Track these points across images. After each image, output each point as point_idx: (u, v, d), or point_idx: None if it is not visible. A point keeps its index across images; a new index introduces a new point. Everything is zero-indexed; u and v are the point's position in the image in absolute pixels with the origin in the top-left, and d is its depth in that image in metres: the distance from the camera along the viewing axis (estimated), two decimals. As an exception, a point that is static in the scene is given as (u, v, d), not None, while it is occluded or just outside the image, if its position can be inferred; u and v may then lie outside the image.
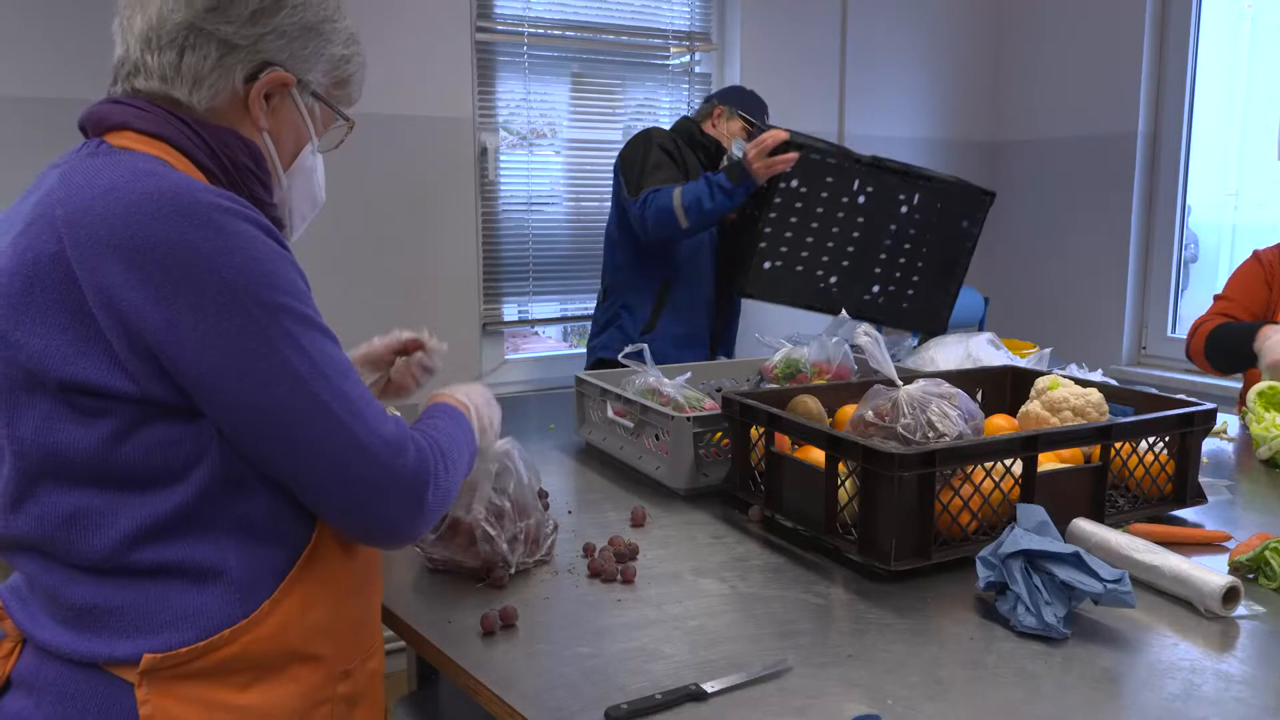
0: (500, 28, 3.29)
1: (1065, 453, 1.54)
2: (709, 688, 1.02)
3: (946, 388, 1.44)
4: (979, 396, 1.86)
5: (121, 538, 0.92)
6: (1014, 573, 1.18)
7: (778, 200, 2.56)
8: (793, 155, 2.48)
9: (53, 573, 0.94)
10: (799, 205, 2.60)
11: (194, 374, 0.90)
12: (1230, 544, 1.43)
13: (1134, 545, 1.31)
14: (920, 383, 1.45)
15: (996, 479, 1.36)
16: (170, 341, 0.89)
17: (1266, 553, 1.31)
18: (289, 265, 0.97)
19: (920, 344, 2.50)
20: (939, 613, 1.23)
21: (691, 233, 2.64)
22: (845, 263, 2.69)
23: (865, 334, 1.49)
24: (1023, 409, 1.70)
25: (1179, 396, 1.68)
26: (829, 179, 2.60)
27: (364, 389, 0.99)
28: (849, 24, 3.87)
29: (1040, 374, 1.79)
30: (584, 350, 3.67)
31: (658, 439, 1.71)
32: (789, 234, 2.61)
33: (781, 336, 2.12)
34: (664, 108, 3.69)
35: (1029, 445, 1.37)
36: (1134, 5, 3.79)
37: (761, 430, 1.52)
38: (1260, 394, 2.02)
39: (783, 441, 1.54)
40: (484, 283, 3.33)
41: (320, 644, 1.01)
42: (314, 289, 1.02)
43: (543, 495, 1.53)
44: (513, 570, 1.31)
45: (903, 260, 2.74)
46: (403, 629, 1.22)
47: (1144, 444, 1.53)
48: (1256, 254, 2.39)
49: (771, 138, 2.47)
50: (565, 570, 1.35)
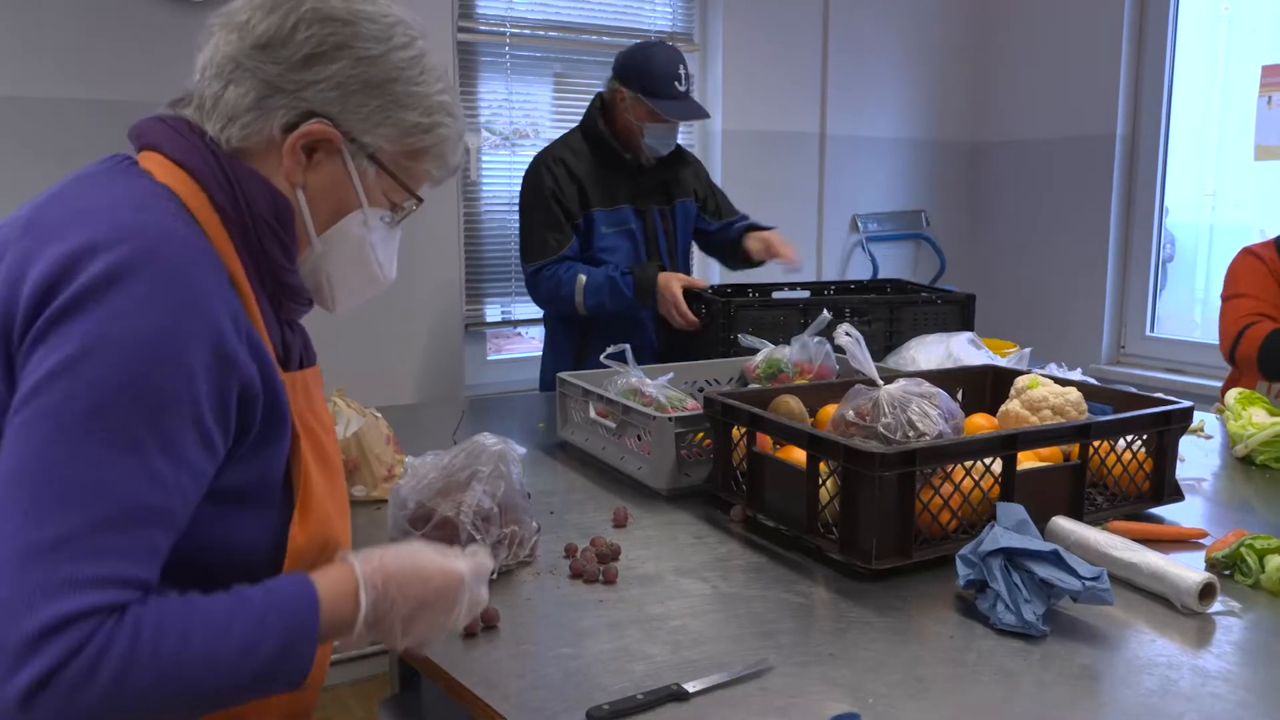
0: (482, 28, 3.29)
1: (1044, 451, 1.55)
2: (691, 688, 1.02)
3: (927, 387, 1.45)
4: (959, 396, 1.87)
5: None
6: (994, 571, 1.19)
7: None
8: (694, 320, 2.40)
9: None
10: None
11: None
12: (1207, 541, 1.44)
13: (1112, 543, 1.32)
14: (901, 382, 1.46)
15: (977, 478, 1.36)
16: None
17: (1242, 549, 1.32)
18: (186, 362, 0.81)
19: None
20: (920, 611, 1.23)
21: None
22: None
23: (846, 334, 1.50)
24: (1003, 408, 1.71)
25: (1157, 395, 1.70)
26: None
27: (104, 538, 0.76)
28: (831, 24, 3.89)
29: (1020, 373, 1.80)
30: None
31: (640, 439, 1.71)
32: None
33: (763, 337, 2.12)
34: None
35: (1009, 444, 1.38)
36: (1113, 8, 3.83)
37: (743, 430, 1.52)
38: (1240, 395, 2.04)
39: (764, 441, 1.55)
40: (466, 283, 3.32)
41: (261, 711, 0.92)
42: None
43: (527, 496, 1.53)
44: (495, 574, 1.30)
45: None
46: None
47: (1122, 442, 1.54)
48: (1251, 250, 2.40)
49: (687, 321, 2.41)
50: (547, 571, 1.35)
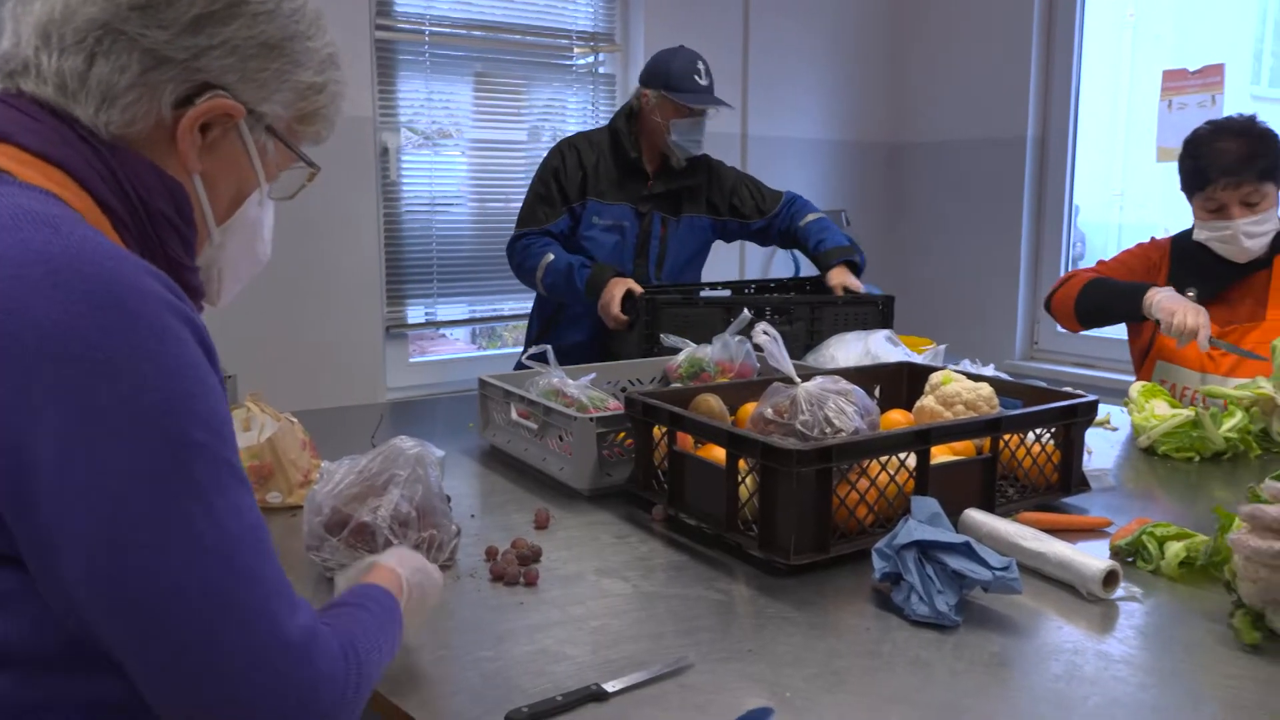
0: (401, 26, 3.25)
1: (958, 445, 1.58)
2: (610, 687, 1.02)
3: (843, 384, 1.47)
4: (877, 392, 1.91)
5: None
6: (908, 563, 1.21)
7: None
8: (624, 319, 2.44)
9: None
10: None
11: (40, 515, 0.66)
12: (1111, 529, 1.49)
13: (1021, 533, 1.36)
14: (818, 380, 1.48)
15: (892, 472, 1.39)
16: (16, 465, 0.65)
17: (1144, 537, 1.37)
18: (214, 385, 0.74)
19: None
20: (837, 605, 1.25)
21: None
22: None
23: (764, 333, 1.51)
24: (918, 404, 1.74)
25: (1065, 389, 1.75)
26: None
27: (275, 565, 0.75)
28: (751, 27, 3.92)
29: (935, 370, 1.84)
30: (493, 352, 3.64)
31: (561, 440, 1.71)
32: None
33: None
34: (571, 109, 3.68)
35: (922, 439, 1.41)
36: (1023, 14, 3.94)
37: (664, 429, 1.53)
38: (1143, 387, 2.11)
39: (685, 440, 1.55)
40: (387, 285, 3.28)
41: None
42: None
43: (446, 499, 1.51)
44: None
45: None
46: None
47: (1031, 435, 1.58)
48: (1154, 239, 2.45)
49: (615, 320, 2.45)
50: (467, 575, 1.33)
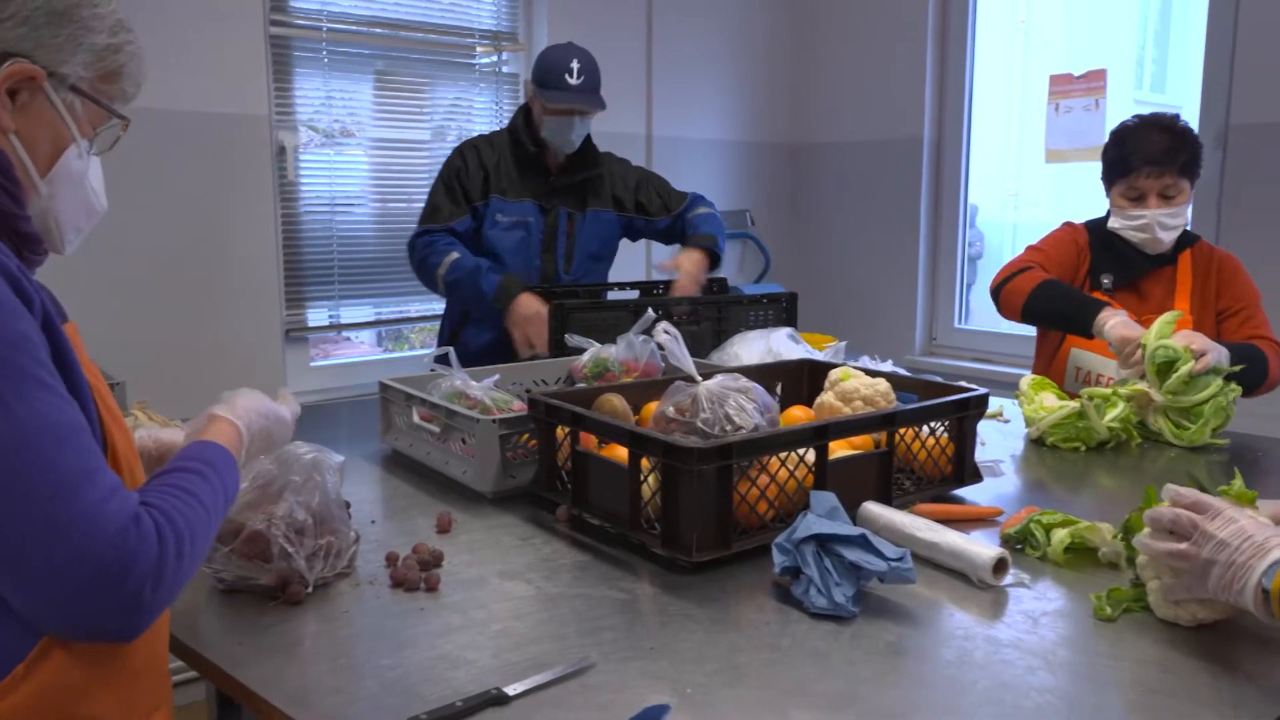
0: (297, 22, 3.17)
1: (857, 440, 1.61)
2: (511, 691, 1.01)
3: (744, 382, 1.49)
4: (779, 389, 1.93)
5: None
6: (807, 557, 1.23)
7: None
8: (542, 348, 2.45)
9: None
10: None
11: None
12: (1002, 518, 1.54)
13: (916, 524, 1.40)
14: (719, 378, 1.49)
15: (791, 468, 1.41)
16: None
17: (1032, 525, 1.42)
18: (13, 309, 0.86)
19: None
20: (739, 600, 1.27)
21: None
22: None
23: (665, 332, 1.52)
24: (818, 400, 1.77)
25: (960, 384, 1.80)
26: None
27: (90, 458, 0.87)
28: (654, 28, 3.94)
29: (834, 366, 1.87)
30: (400, 354, 3.58)
31: (464, 442, 1.69)
32: None
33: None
34: (477, 108, 3.65)
35: (820, 434, 1.43)
36: (917, 18, 4.04)
37: (567, 430, 1.53)
38: (1032, 380, 2.19)
39: (589, 440, 1.55)
40: (286, 287, 3.19)
41: (92, 704, 0.92)
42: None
43: (345, 505, 1.48)
44: (310, 587, 1.26)
45: None
46: (191, 657, 1.15)
47: (926, 429, 1.62)
48: (1071, 222, 2.52)
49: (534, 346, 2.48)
50: (367, 582, 1.31)
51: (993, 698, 1.02)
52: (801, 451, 1.43)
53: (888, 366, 2.12)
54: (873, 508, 1.46)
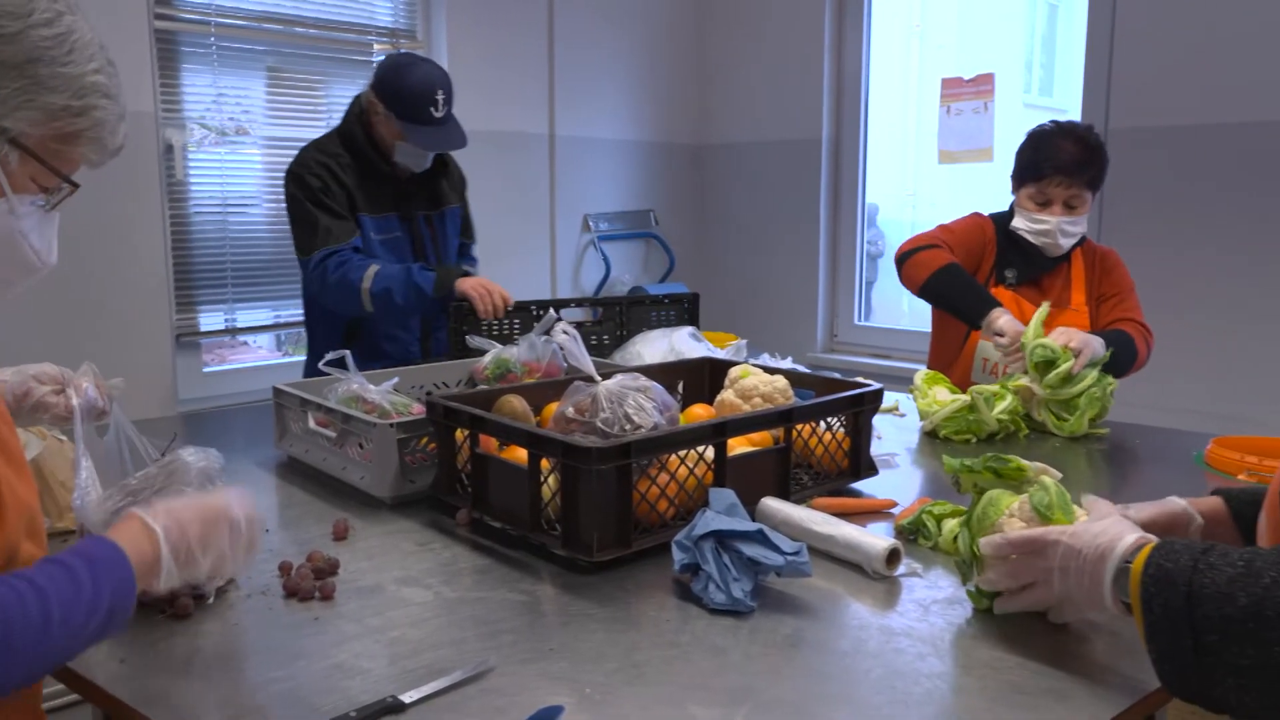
0: (184, 16, 3.07)
1: (755, 436, 1.64)
2: (407, 698, 1.00)
3: (643, 381, 1.50)
4: (680, 388, 1.95)
5: None
6: (705, 553, 1.24)
7: None
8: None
9: None
10: None
11: None
12: (896, 510, 1.58)
13: (813, 518, 1.42)
14: (618, 378, 1.50)
15: (691, 466, 1.42)
16: None
17: (924, 515, 1.46)
18: None
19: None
20: (640, 598, 1.27)
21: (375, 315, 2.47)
22: None
23: (564, 332, 1.52)
24: (718, 397, 1.79)
25: (857, 380, 1.84)
26: None
27: None
28: (556, 26, 3.93)
29: (735, 364, 1.89)
30: (300, 358, 3.49)
31: (361, 447, 1.66)
32: None
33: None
34: (373, 106, 3.58)
35: (719, 432, 1.45)
36: (814, 21, 4.12)
37: (466, 432, 1.51)
38: (926, 375, 2.25)
39: (489, 442, 1.54)
40: (176, 291, 3.09)
41: None
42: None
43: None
44: (211, 599, 1.22)
45: None
46: (70, 678, 1.10)
47: (823, 424, 1.66)
48: (979, 213, 2.59)
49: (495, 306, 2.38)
50: (259, 592, 1.27)
51: (885, 685, 1.05)
52: (701, 449, 1.44)
53: (787, 364, 2.15)
54: (771, 503, 1.48)
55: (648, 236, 4.40)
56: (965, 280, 2.35)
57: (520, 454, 1.44)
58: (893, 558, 1.33)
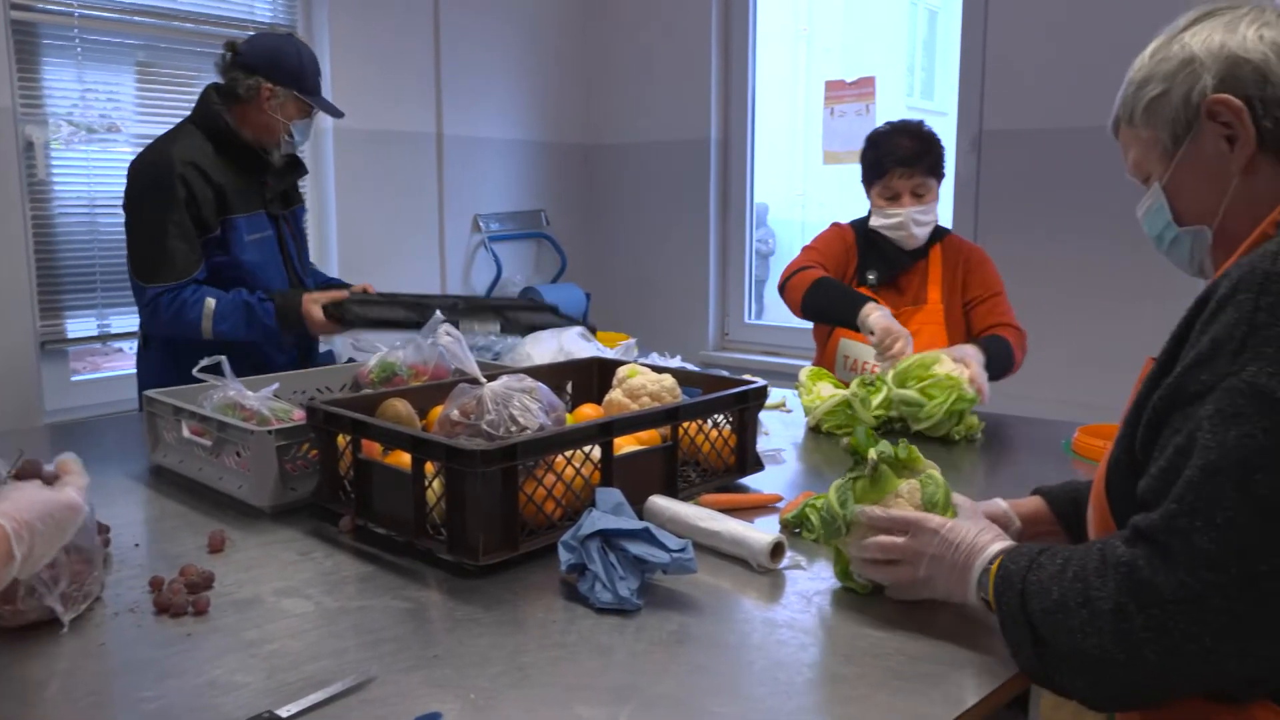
0: (44, 6, 2.92)
1: (644, 435, 1.65)
2: (284, 712, 0.97)
3: (529, 382, 1.49)
4: (569, 388, 1.95)
5: None
6: (591, 553, 1.24)
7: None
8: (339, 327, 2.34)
9: None
10: None
11: None
12: (781, 504, 1.61)
13: (699, 515, 1.44)
14: (503, 379, 1.49)
15: (578, 466, 1.42)
16: None
17: (807, 509, 1.49)
18: None
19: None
20: (527, 601, 1.26)
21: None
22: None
23: (447, 334, 1.50)
24: (606, 397, 1.79)
25: (744, 377, 1.86)
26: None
27: None
28: (442, 23, 3.88)
29: (623, 363, 1.90)
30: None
31: (239, 456, 1.61)
32: None
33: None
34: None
35: (605, 431, 1.45)
36: (701, 23, 4.16)
37: (348, 438, 1.48)
38: (809, 371, 2.30)
39: (373, 448, 1.51)
40: (40, 296, 2.94)
41: None
42: None
43: (103, 530, 1.38)
44: (66, 627, 1.16)
45: None
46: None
47: (710, 421, 1.68)
48: (838, 223, 2.68)
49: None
50: (127, 610, 1.22)
51: (768, 677, 1.07)
52: (587, 449, 1.44)
53: (675, 362, 2.17)
54: (658, 500, 1.49)
55: (539, 237, 4.38)
56: (836, 289, 2.44)
57: (404, 458, 1.42)
58: (777, 551, 1.35)
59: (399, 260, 3.78)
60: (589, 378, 1.97)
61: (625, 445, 1.57)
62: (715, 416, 1.68)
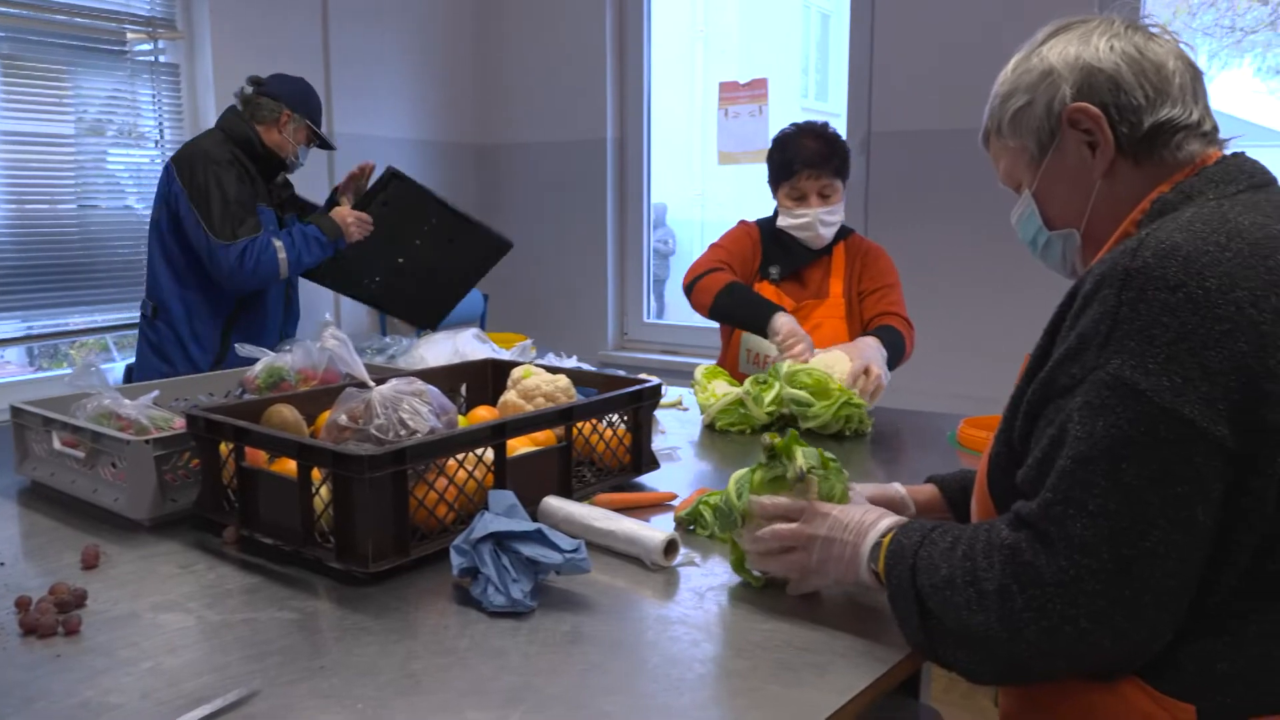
0: (-105, -4, 2.75)
1: (539, 436, 1.64)
2: (161, 732, 0.93)
3: (419, 385, 1.47)
4: (464, 390, 1.93)
5: None
6: (484, 556, 1.23)
7: None
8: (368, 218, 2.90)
9: None
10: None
11: None
12: (676, 502, 1.63)
13: (594, 515, 1.44)
14: (393, 382, 1.46)
15: (470, 469, 1.41)
16: None
17: (700, 506, 1.50)
18: None
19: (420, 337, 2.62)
20: (419, 607, 1.24)
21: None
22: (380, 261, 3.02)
23: (333, 337, 1.47)
24: (501, 399, 1.78)
25: (640, 376, 1.87)
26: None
27: None
28: (330, 19, 3.79)
29: (517, 364, 1.89)
30: (58, 373, 3.24)
31: (115, 467, 1.54)
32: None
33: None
34: (140, 101, 3.34)
35: (498, 433, 1.44)
36: (595, 22, 4.16)
37: (231, 446, 1.43)
38: (705, 370, 2.32)
39: (258, 456, 1.47)
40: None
41: None
42: None
43: (-36, 548, 1.31)
44: (-82, 644, 1.10)
45: (412, 264, 3.07)
46: None
47: (605, 421, 1.68)
48: (745, 220, 2.71)
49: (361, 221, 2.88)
50: (-9, 632, 1.16)
51: (661, 673, 1.07)
52: (480, 451, 1.42)
53: (571, 363, 2.17)
54: (553, 501, 1.48)
55: (436, 237, 4.31)
56: (746, 295, 2.48)
57: (290, 466, 1.38)
58: (670, 549, 1.36)
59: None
60: (484, 380, 1.96)
61: (519, 447, 1.56)
62: (610, 416, 1.68)
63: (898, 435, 2.22)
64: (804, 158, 2.48)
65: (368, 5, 3.92)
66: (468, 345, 2.19)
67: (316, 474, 1.33)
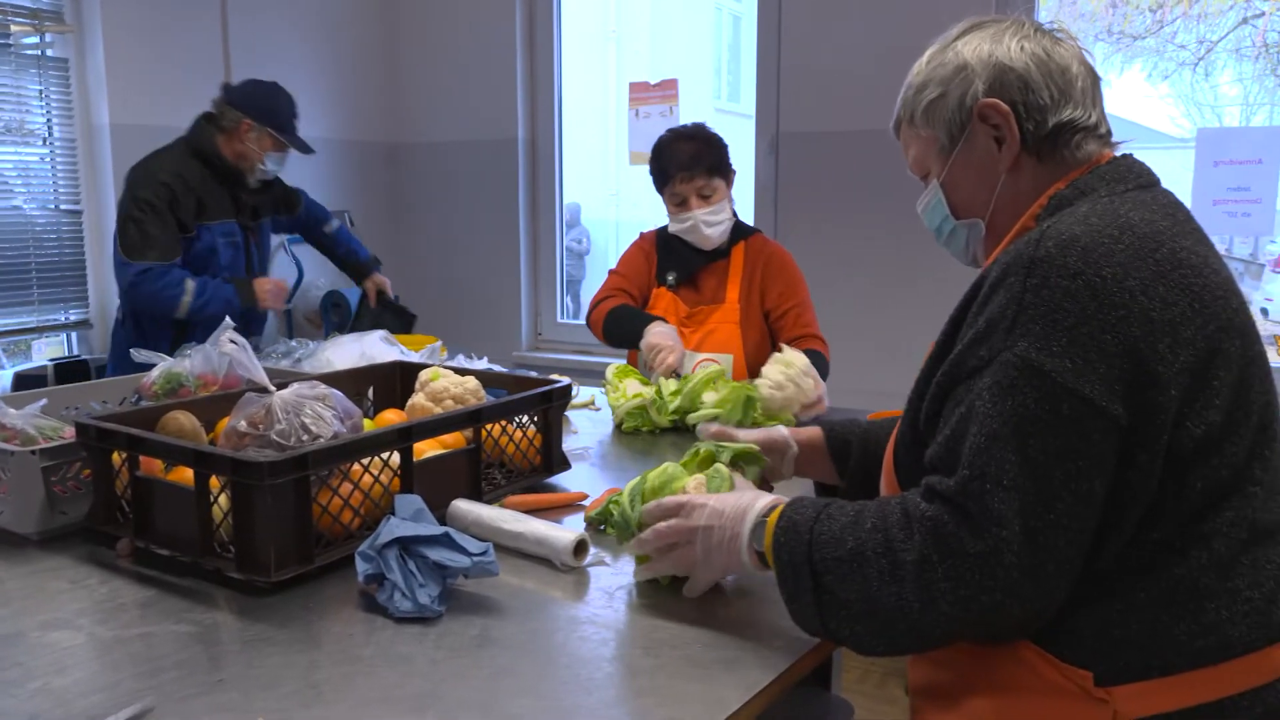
0: None
1: (449, 438, 1.62)
2: (47, 755, 0.90)
3: (321, 389, 1.44)
4: (371, 394, 1.90)
5: None
6: (390, 561, 1.21)
7: None
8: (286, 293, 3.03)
9: None
10: None
11: None
12: (587, 502, 1.63)
13: (503, 517, 1.43)
14: (295, 386, 1.43)
15: (376, 473, 1.39)
16: None
17: (610, 505, 1.50)
18: None
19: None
20: (323, 615, 1.22)
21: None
22: None
23: (232, 341, 1.43)
24: (409, 402, 1.76)
25: (551, 377, 1.86)
26: None
27: None
28: (230, 13, 3.69)
29: (425, 367, 1.87)
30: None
31: (-1, 479, 1.47)
32: None
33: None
34: (28, 96, 3.20)
35: (404, 436, 1.42)
36: (505, 21, 4.13)
37: (124, 455, 1.38)
38: (616, 369, 2.32)
39: (154, 464, 1.42)
40: None
41: None
42: None
43: None
44: None
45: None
46: None
47: (515, 422, 1.67)
48: (643, 233, 2.73)
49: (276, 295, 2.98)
50: None
51: (570, 674, 1.07)
52: (386, 455, 1.40)
53: (482, 364, 2.15)
54: (461, 505, 1.47)
55: (344, 238, 4.23)
56: (627, 314, 2.53)
57: (187, 474, 1.34)
58: (580, 549, 1.36)
59: (190, 264, 3.56)
60: (392, 383, 1.93)
61: (428, 450, 1.54)
62: (520, 417, 1.67)
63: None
64: (678, 161, 2.51)
65: (266, 2, 3.83)
66: (375, 348, 2.15)
67: (215, 482, 1.30)
